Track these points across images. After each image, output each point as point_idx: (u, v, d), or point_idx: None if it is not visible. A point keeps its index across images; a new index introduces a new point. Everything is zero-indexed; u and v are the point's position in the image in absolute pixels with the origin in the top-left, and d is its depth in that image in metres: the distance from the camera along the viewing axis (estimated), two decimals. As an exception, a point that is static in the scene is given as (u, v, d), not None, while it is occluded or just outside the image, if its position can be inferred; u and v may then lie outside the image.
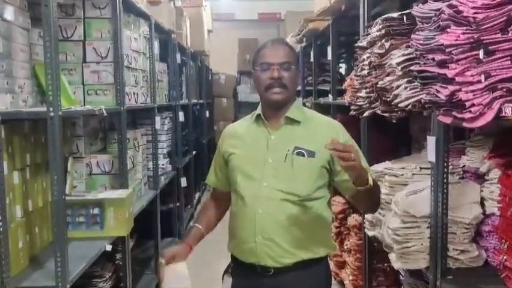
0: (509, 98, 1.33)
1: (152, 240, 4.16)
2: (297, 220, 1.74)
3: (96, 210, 2.54)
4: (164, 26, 4.34)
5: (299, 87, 5.45)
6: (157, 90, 4.04)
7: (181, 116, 5.25)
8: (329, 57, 4.08)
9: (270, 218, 1.73)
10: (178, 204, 5.18)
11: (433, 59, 1.52)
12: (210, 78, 9.00)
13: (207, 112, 8.09)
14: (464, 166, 2.21)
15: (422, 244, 2.01)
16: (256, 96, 8.40)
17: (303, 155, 1.74)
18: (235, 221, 1.83)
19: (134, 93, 3.32)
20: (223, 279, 1.93)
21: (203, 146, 7.60)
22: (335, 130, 1.83)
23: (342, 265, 3.48)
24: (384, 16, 2.28)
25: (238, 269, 1.86)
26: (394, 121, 2.41)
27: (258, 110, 1.85)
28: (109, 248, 2.45)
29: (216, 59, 8.95)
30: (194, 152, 6.54)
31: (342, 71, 6.17)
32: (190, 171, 6.23)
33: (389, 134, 3.28)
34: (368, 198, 1.74)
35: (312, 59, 4.93)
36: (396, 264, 2.12)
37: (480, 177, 2.10)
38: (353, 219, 3.22)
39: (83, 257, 2.22)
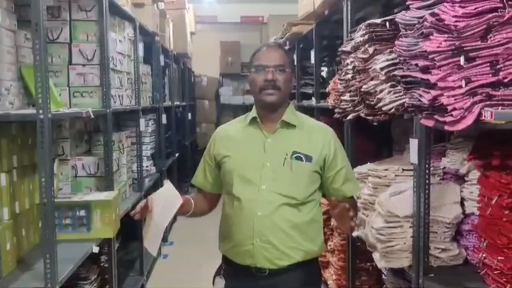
0: (488, 103, 1.40)
1: (136, 242, 4.17)
2: (294, 223, 1.77)
3: (83, 212, 2.54)
4: (149, 28, 4.35)
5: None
6: (141, 93, 4.05)
7: (164, 118, 5.25)
8: (312, 60, 4.14)
9: (269, 221, 1.75)
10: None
11: (416, 65, 1.57)
12: (192, 80, 9.00)
13: (189, 114, 8.09)
14: (444, 168, 2.27)
15: (405, 243, 2.06)
16: (238, 99, 8.40)
17: (301, 160, 1.79)
18: (230, 223, 1.83)
19: (119, 96, 3.33)
20: (214, 281, 1.92)
21: (186, 148, 7.60)
22: (328, 136, 1.88)
23: (325, 265, 3.53)
24: (368, 22, 2.34)
25: (232, 270, 1.86)
26: (375, 124, 2.48)
27: (253, 113, 1.87)
28: (96, 250, 2.46)
29: (198, 61, 8.96)
30: (177, 154, 6.54)
31: (324, 74, 6.23)
32: (173, 173, 6.23)
33: (371, 136, 3.35)
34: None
35: (295, 63, 4.98)
36: (380, 263, 2.17)
37: (460, 178, 2.17)
38: (337, 220, 3.27)
39: (70, 259, 2.23)
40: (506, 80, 1.39)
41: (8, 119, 1.98)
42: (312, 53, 4.06)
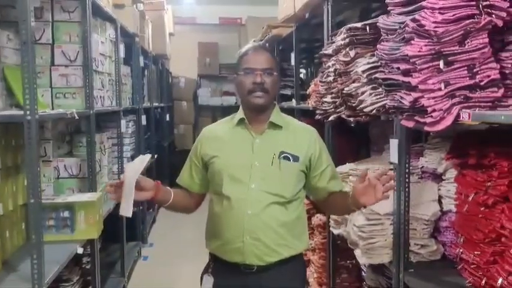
0: (466, 104, 1.48)
1: (116, 244, 4.16)
2: (282, 221, 1.82)
3: (66, 214, 2.54)
4: (129, 29, 4.35)
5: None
6: (121, 94, 4.04)
7: (144, 120, 5.25)
8: (292, 62, 4.20)
9: (259, 219, 1.79)
10: (141, 207, 5.18)
11: (398, 68, 1.64)
12: (170, 81, 8.97)
13: (168, 115, 8.07)
14: (422, 167, 2.36)
15: (385, 240, 2.13)
16: (216, 100, 8.39)
17: (289, 159, 1.84)
18: (219, 222, 1.86)
19: (100, 97, 3.33)
20: (202, 279, 1.94)
21: (164, 150, 7.59)
22: (313, 136, 1.95)
23: (306, 263, 3.60)
24: (349, 26, 2.41)
25: (220, 267, 1.90)
26: (352, 125, 2.56)
27: (240, 114, 1.91)
28: (80, 250, 2.46)
29: (176, 63, 8.92)
30: (156, 156, 6.52)
31: (302, 76, 6.31)
32: (152, 175, 6.20)
33: (349, 137, 3.43)
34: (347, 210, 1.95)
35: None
36: (362, 259, 2.24)
37: (437, 177, 2.25)
38: (317, 219, 3.34)
39: (55, 260, 2.22)
40: (482, 83, 1.47)
41: (-4, 120, 1.97)
42: (292, 55, 4.12)
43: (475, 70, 1.47)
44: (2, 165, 2.21)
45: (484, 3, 1.45)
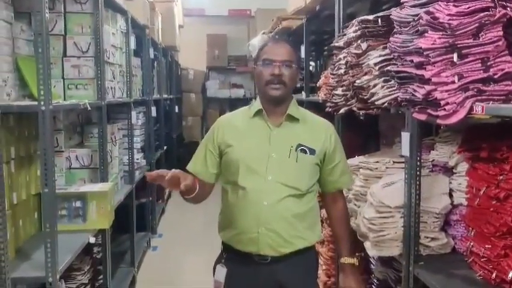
0: (479, 98, 1.48)
1: (126, 235, 4.20)
2: (296, 212, 1.84)
3: (78, 203, 2.58)
4: (139, 21, 4.36)
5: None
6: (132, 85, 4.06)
7: (154, 111, 5.28)
8: (302, 55, 4.19)
9: (275, 210, 1.80)
10: (150, 198, 5.22)
11: (411, 61, 1.63)
12: (179, 73, 8.99)
13: (177, 107, 8.10)
14: (433, 160, 2.35)
15: (396, 233, 2.13)
16: (225, 92, 8.42)
17: (306, 152, 1.86)
18: (234, 212, 1.87)
19: (111, 88, 3.35)
20: (214, 269, 1.95)
21: (173, 141, 7.62)
22: (329, 131, 1.97)
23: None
24: (361, 18, 2.40)
25: (233, 258, 1.91)
26: (362, 118, 2.56)
27: (258, 106, 1.91)
28: (92, 240, 2.50)
29: (185, 54, 8.93)
30: (165, 147, 6.56)
31: (311, 68, 6.30)
32: (161, 166, 6.24)
33: (358, 130, 3.43)
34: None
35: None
36: (372, 252, 2.25)
37: (448, 171, 2.25)
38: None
39: (67, 249, 2.25)
40: (496, 76, 1.46)
41: (10, 110, 1.99)
42: (303, 48, 4.11)
43: (488, 63, 1.46)
44: (15, 155, 2.24)
45: (499, -5, 1.44)
